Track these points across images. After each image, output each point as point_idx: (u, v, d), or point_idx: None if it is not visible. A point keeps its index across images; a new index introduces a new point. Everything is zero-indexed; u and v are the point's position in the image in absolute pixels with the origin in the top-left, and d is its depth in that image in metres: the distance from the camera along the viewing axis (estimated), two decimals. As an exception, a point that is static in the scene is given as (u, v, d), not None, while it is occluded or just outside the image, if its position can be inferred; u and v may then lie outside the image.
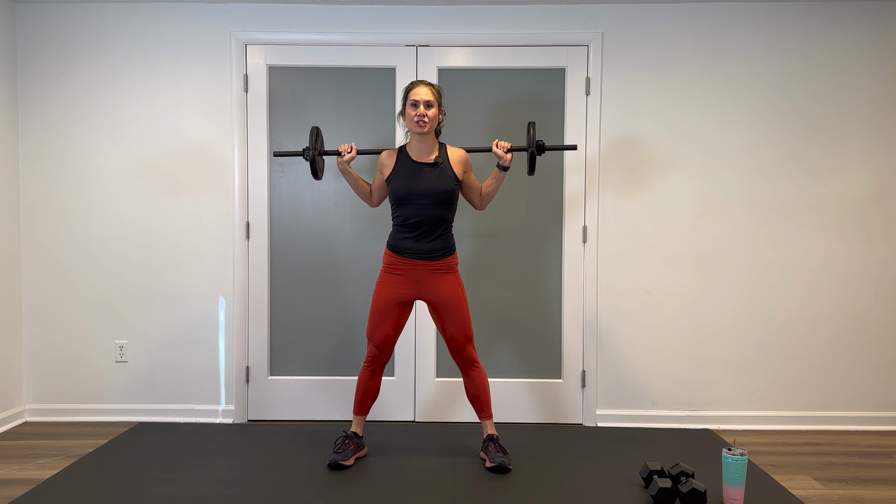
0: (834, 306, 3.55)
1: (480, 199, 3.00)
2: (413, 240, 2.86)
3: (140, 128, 3.55)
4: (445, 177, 2.86)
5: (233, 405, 3.60)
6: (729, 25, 3.50)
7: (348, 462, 2.87)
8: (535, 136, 2.84)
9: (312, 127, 2.97)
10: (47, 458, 3.00)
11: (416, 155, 2.89)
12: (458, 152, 2.94)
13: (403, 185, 2.85)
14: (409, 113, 2.84)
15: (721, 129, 3.52)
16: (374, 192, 3.04)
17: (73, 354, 3.59)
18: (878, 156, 3.51)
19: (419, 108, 2.80)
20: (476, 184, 3.00)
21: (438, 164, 2.87)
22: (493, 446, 2.91)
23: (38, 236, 3.57)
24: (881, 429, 3.53)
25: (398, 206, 2.89)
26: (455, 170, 2.90)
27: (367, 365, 2.95)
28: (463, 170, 2.94)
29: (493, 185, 2.93)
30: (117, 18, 3.52)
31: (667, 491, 2.46)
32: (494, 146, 2.85)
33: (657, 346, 3.57)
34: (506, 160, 2.83)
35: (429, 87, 2.84)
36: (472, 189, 2.99)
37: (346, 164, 2.91)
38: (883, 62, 3.49)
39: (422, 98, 2.80)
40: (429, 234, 2.86)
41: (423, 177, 2.85)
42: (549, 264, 3.58)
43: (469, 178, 2.98)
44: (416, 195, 2.83)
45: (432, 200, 2.84)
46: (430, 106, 2.82)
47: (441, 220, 2.87)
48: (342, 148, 2.90)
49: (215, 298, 3.58)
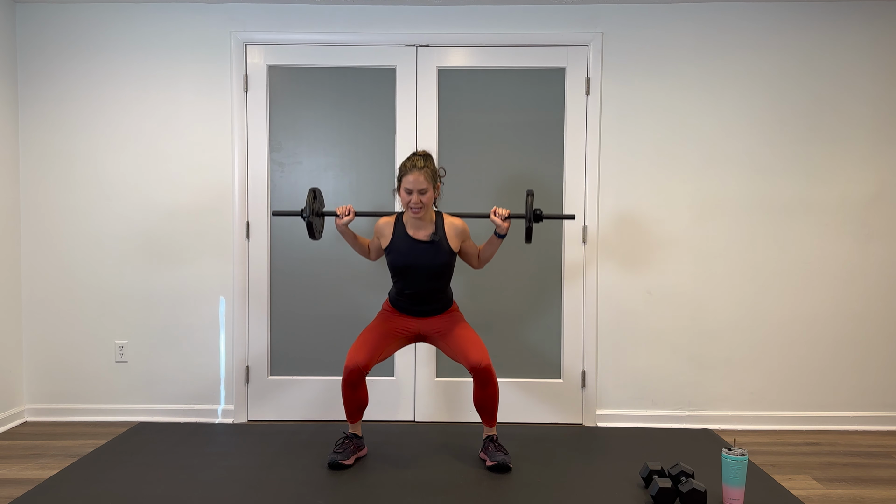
0: (834, 306, 3.55)
1: (478, 262, 3.01)
2: (410, 304, 2.93)
3: (140, 127, 3.55)
4: (442, 252, 2.87)
5: (233, 405, 3.60)
6: (729, 25, 3.50)
7: (348, 462, 2.87)
8: (533, 205, 2.85)
9: (311, 188, 2.95)
10: (47, 458, 3.00)
11: (412, 230, 2.88)
12: (455, 225, 2.91)
13: (401, 260, 2.87)
14: (403, 196, 2.81)
15: (721, 128, 3.52)
16: (372, 252, 3.06)
17: (73, 354, 3.59)
18: (877, 156, 3.51)
19: (413, 195, 2.77)
20: (473, 249, 2.99)
21: (435, 241, 2.86)
22: (493, 446, 2.91)
23: (39, 236, 3.57)
24: (881, 429, 3.53)
25: (396, 276, 2.93)
26: (452, 244, 2.90)
27: (347, 381, 2.82)
28: (460, 241, 2.93)
29: (490, 250, 2.93)
30: (117, 18, 3.52)
31: (667, 491, 2.46)
32: (492, 214, 2.83)
33: (657, 346, 3.57)
34: (503, 228, 2.82)
35: (422, 172, 2.75)
36: (469, 254, 3.00)
37: (343, 226, 2.89)
38: (883, 62, 3.49)
39: (415, 187, 2.76)
40: (427, 299, 2.93)
41: (420, 253, 2.85)
42: (549, 264, 3.58)
43: (467, 244, 2.97)
44: (414, 270, 2.86)
45: (429, 274, 2.87)
46: (424, 192, 2.77)
47: (437, 288, 2.92)
48: (340, 210, 2.88)
49: (215, 298, 3.58)
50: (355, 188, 3.56)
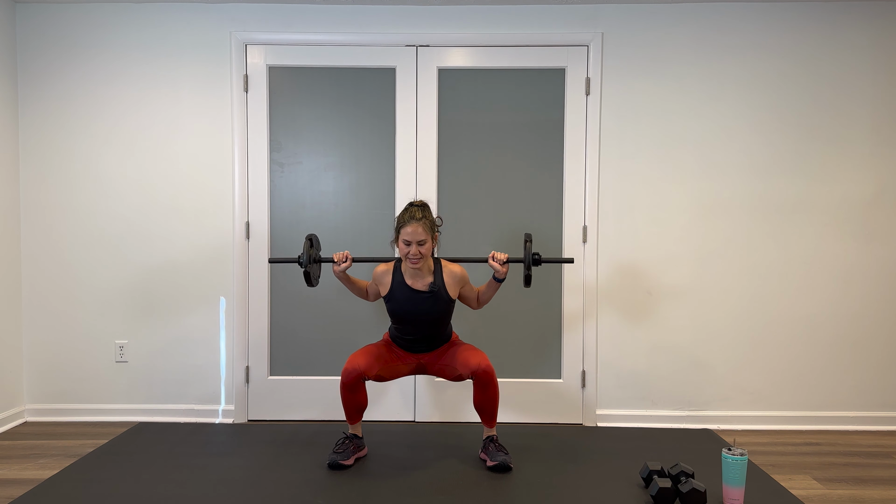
0: (834, 306, 3.55)
1: (477, 304, 3.02)
2: (411, 344, 2.96)
3: (140, 127, 3.55)
4: (441, 302, 2.87)
5: (233, 405, 3.59)
6: (729, 26, 3.50)
7: (348, 462, 2.87)
8: (532, 250, 2.86)
9: (307, 235, 2.94)
10: (47, 458, 3.00)
11: (411, 280, 2.88)
12: (453, 273, 2.90)
13: (400, 310, 2.88)
14: (401, 248, 2.81)
15: (721, 128, 3.52)
16: (370, 295, 3.06)
17: (73, 354, 3.59)
18: (877, 156, 3.51)
19: (411, 246, 2.77)
20: (472, 293, 2.99)
21: (434, 292, 2.86)
22: (494, 446, 2.91)
23: (39, 236, 3.57)
24: (881, 429, 3.53)
25: (395, 322, 2.95)
26: (450, 291, 2.90)
27: (345, 384, 2.83)
28: (459, 287, 2.93)
29: (489, 293, 2.94)
30: (117, 18, 3.52)
31: (667, 491, 2.46)
32: (490, 259, 2.83)
33: (657, 346, 3.57)
34: (501, 273, 2.83)
35: (420, 224, 2.75)
36: (468, 298, 3.01)
37: (342, 272, 2.89)
38: (882, 63, 3.49)
39: (414, 239, 2.76)
40: (427, 341, 2.95)
41: (418, 304, 2.86)
42: (549, 268, 3.58)
43: (466, 289, 2.97)
44: (413, 318, 2.88)
45: (429, 321, 2.89)
46: (423, 243, 2.77)
47: (435, 333, 2.94)
48: (337, 257, 2.88)
49: (215, 298, 3.58)
50: (355, 188, 3.56)
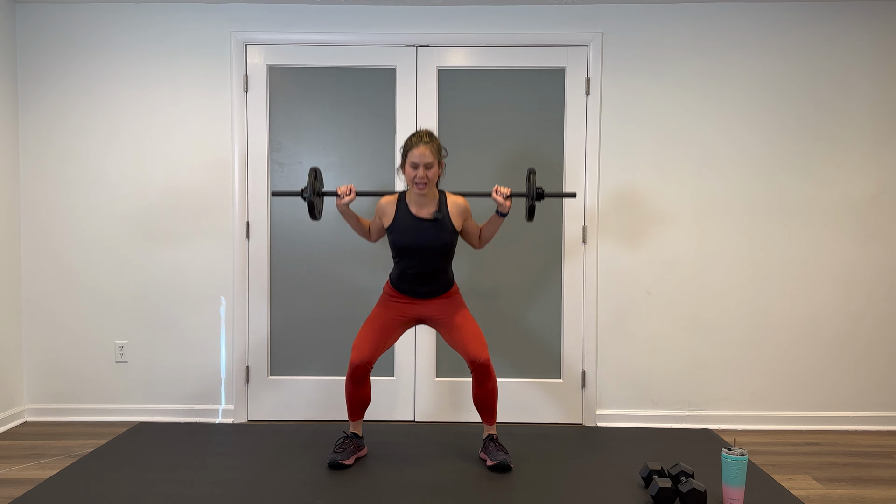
0: (834, 306, 3.55)
1: (479, 241, 3.00)
2: (414, 283, 2.91)
3: (140, 127, 3.55)
4: (445, 231, 2.86)
5: (233, 405, 3.60)
6: (729, 26, 3.50)
7: (348, 462, 2.87)
8: (535, 183, 2.83)
9: (311, 168, 2.94)
10: (47, 458, 3.00)
11: (415, 208, 2.88)
12: (457, 203, 2.91)
13: (403, 240, 2.86)
14: (408, 172, 2.81)
15: (721, 129, 3.52)
16: (373, 233, 3.04)
17: (73, 354, 3.59)
18: (877, 156, 3.51)
19: (419, 169, 2.77)
20: (475, 228, 2.99)
21: (438, 219, 2.85)
22: (494, 446, 2.91)
23: (39, 236, 3.57)
24: (881, 429, 3.53)
25: (398, 256, 2.92)
26: (454, 222, 2.89)
27: (352, 377, 2.85)
28: (462, 219, 2.93)
29: (491, 229, 2.93)
30: (117, 18, 3.52)
31: (667, 491, 2.46)
32: (494, 192, 2.82)
33: (657, 346, 3.57)
34: (505, 207, 2.81)
35: (428, 146, 2.77)
36: (470, 234, 3.00)
37: (345, 206, 2.89)
38: (882, 62, 3.49)
39: (421, 161, 2.75)
40: (429, 279, 2.91)
41: (422, 232, 2.84)
42: (549, 264, 3.58)
43: (468, 224, 2.97)
44: (416, 249, 2.85)
45: (432, 253, 2.86)
46: (430, 167, 2.77)
47: (441, 268, 2.91)
48: (341, 190, 2.87)
49: (215, 298, 3.58)
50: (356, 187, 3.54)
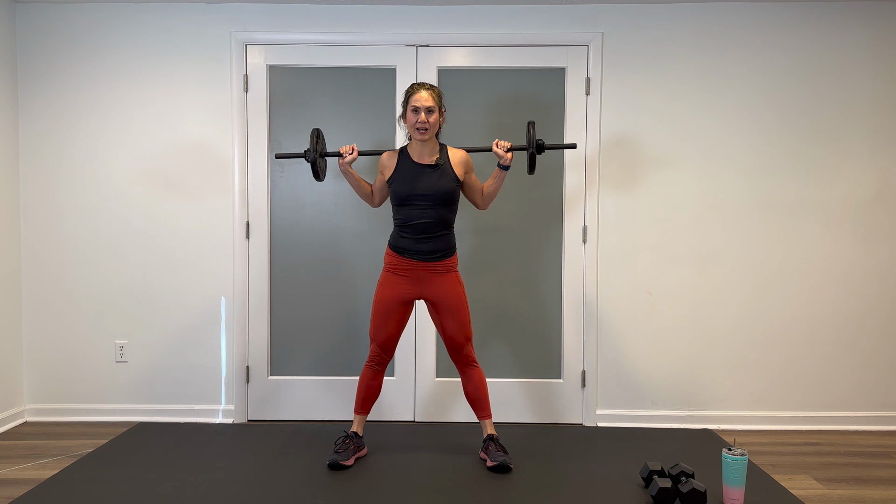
0: (834, 306, 3.55)
1: (482, 199, 3.01)
2: (414, 240, 2.87)
3: (140, 128, 3.55)
4: (447, 178, 2.87)
5: (233, 405, 3.59)
6: (729, 25, 3.50)
7: (348, 462, 2.87)
8: (535, 136, 2.84)
9: (313, 129, 2.97)
10: (47, 458, 3.00)
11: (417, 157, 2.90)
12: (458, 153, 2.95)
13: (405, 187, 2.86)
14: (409, 118, 2.84)
15: (721, 128, 3.52)
16: (376, 193, 3.05)
17: (73, 354, 3.59)
18: (878, 156, 3.51)
19: (420, 114, 2.80)
20: (477, 184, 3.00)
21: (440, 165, 2.87)
22: (494, 446, 2.91)
23: (39, 236, 3.57)
24: (881, 429, 3.53)
25: (399, 208, 2.90)
26: (456, 171, 2.91)
27: (370, 364, 2.96)
28: (464, 171, 2.94)
29: (494, 184, 2.94)
30: (117, 18, 3.52)
31: (667, 491, 2.46)
32: (494, 146, 2.86)
33: (657, 346, 3.57)
34: (506, 159, 2.84)
35: (430, 92, 2.82)
36: (473, 189, 2.99)
37: (347, 165, 2.92)
38: (883, 62, 3.49)
39: (423, 104, 2.79)
40: (430, 234, 2.87)
41: (424, 178, 2.85)
42: (549, 264, 3.58)
43: (470, 178, 2.98)
44: (418, 196, 2.84)
45: (434, 201, 2.84)
46: (431, 112, 2.81)
47: (442, 220, 2.88)
48: (343, 149, 2.91)
49: (215, 298, 3.58)
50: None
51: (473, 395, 2.95)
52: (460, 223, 3.49)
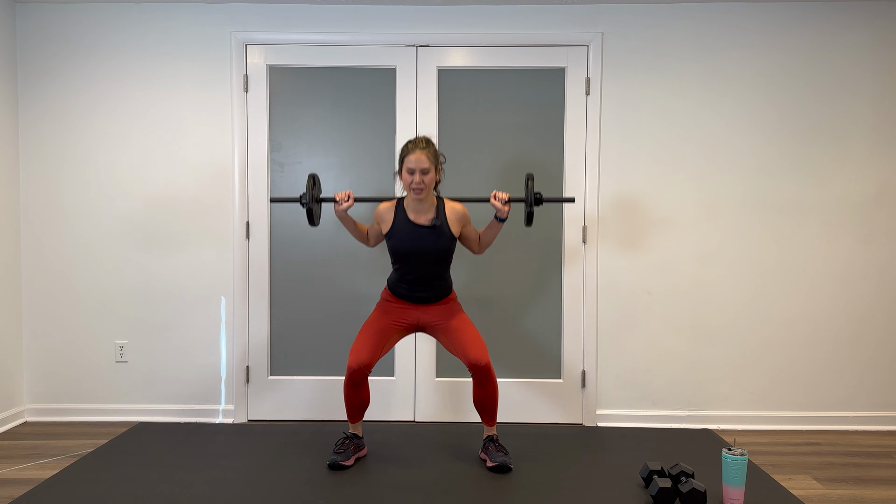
0: (834, 306, 3.55)
1: (479, 247, 3.00)
2: (412, 288, 2.91)
3: (140, 128, 3.55)
4: (443, 238, 2.86)
5: (233, 405, 3.60)
6: (729, 25, 3.50)
7: (348, 462, 2.87)
8: (534, 188, 2.82)
9: (309, 175, 2.93)
10: (47, 458, 3.00)
11: (413, 215, 2.88)
12: (455, 209, 2.91)
13: (402, 246, 2.86)
14: (405, 178, 2.80)
15: (721, 129, 3.52)
16: (371, 238, 3.04)
17: (73, 354, 3.59)
18: (878, 156, 3.51)
19: (415, 174, 2.76)
20: (474, 234, 2.98)
21: (436, 226, 2.85)
22: (494, 446, 2.91)
23: (39, 236, 3.57)
24: (881, 429, 3.53)
25: (396, 262, 2.92)
26: (452, 228, 2.89)
27: (350, 381, 2.83)
28: (461, 226, 2.93)
29: (490, 234, 2.92)
30: (117, 18, 3.52)
31: (667, 491, 2.46)
32: (492, 198, 2.82)
33: (657, 346, 3.57)
34: (503, 212, 2.81)
35: (424, 152, 2.76)
36: (470, 239, 2.99)
37: (343, 211, 2.89)
38: (883, 62, 3.49)
39: (418, 166, 2.75)
40: (427, 285, 2.91)
41: (420, 239, 2.85)
42: (549, 264, 3.58)
43: (467, 229, 2.97)
44: (415, 255, 2.85)
45: (430, 260, 2.86)
46: (426, 172, 2.77)
47: (437, 274, 2.91)
48: (339, 196, 2.88)
49: (215, 298, 3.58)
50: (355, 189, 3.56)
51: (482, 404, 2.91)
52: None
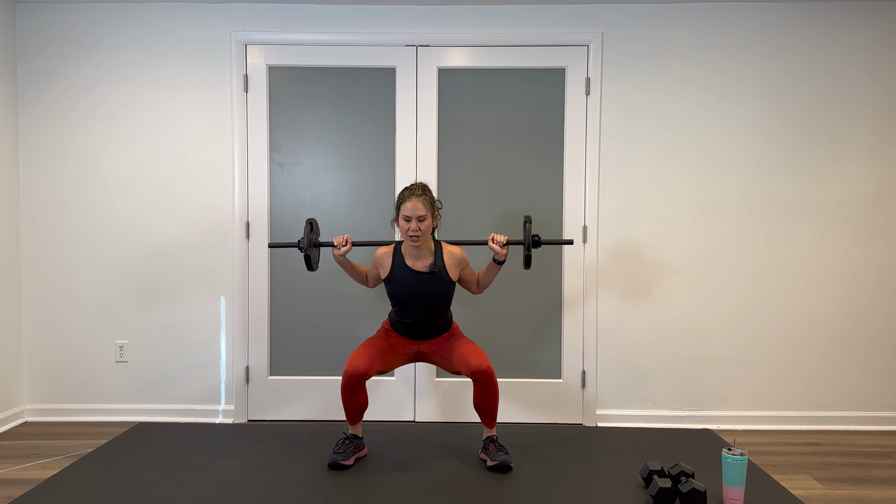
0: (834, 306, 3.55)
1: (477, 288, 3.02)
2: (412, 329, 2.95)
3: (140, 128, 3.55)
4: (441, 283, 2.87)
5: (233, 405, 3.59)
6: (729, 25, 3.50)
7: (348, 462, 2.87)
8: (532, 231, 2.84)
9: (308, 219, 2.93)
10: (47, 458, 3.00)
11: (411, 261, 2.88)
12: (453, 254, 2.91)
13: (400, 292, 2.88)
14: (402, 225, 2.81)
15: (721, 128, 3.52)
16: (370, 280, 3.06)
17: (73, 354, 3.59)
18: (878, 156, 3.51)
19: (411, 222, 2.78)
20: (472, 276, 3.00)
21: (434, 272, 2.86)
22: (494, 446, 2.91)
23: (39, 236, 3.57)
24: (881, 429, 3.53)
25: (395, 305, 2.96)
26: (451, 273, 2.90)
27: (346, 386, 2.81)
28: (459, 270, 2.94)
29: (489, 276, 2.93)
30: (117, 18, 3.52)
31: (667, 491, 2.46)
32: (490, 241, 2.81)
33: (657, 346, 3.57)
34: (501, 255, 2.81)
35: (420, 199, 2.77)
36: (468, 282, 3.01)
37: (342, 256, 2.90)
38: (883, 62, 3.49)
39: (414, 214, 2.76)
40: (427, 325, 2.95)
41: (418, 285, 2.86)
42: (549, 264, 3.58)
43: (466, 272, 2.98)
44: (413, 301, 2.88)
45: (429, 304, 2.89)
46: (423, 219, 2.78)
47: (435, 316, 2.94)
48: (337, 240, 2.88)
49: (215, 298, 3.58)
50: (355, 188, 3.56)
51: (483, 408, 2.92)
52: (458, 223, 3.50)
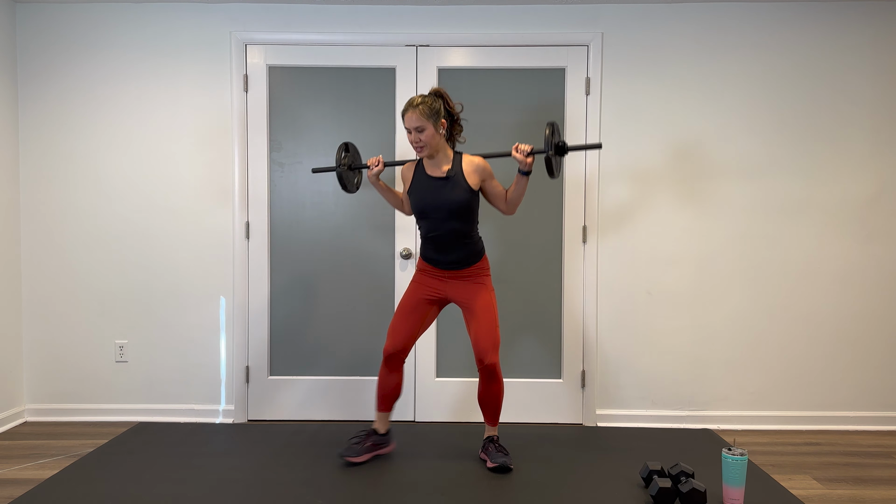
0: (834, 306, 3.55)
1: (506, 205, 2.89)
2: (436, 252, 2.90)
3: (140, 128, 3.55)
4: (458, 189, 2.81)
5: (233, 405, 3.60)
6: (729, 26, 3.50)
7: (356, 459, 2.88)
8: (554, 138, 2.71)
9: (342, 143, 3.01)
10: (47, 458, 3.00)
11: (429, 169, 2.88)
12: (473, 162, 2.86)
13: (418, 200, 2.86)
14: (408, 137, 2.84)
15: (721, 128, 3.52)
16: (405, 202, 3.07)
17: (73, 354, 3.59)
18: (877, 156, 3.51)
19: (412, 133, 2.79)
20: (500, 190, 2.89)
21: (451, 177, 2.83)
22: (494, 447, 2.91)
23: (39, 236, 3.57)
24: (881, 429, 3.53)
25: (419, 220, 2.93)
26: (469, 180, 2.83)
27: (386, 364, 2.92)
28: (480, 178, 2.85)
29: (516, 190, 2.82)
30: (117, 18, 3.52)
31: (667, 491, 2.47)
32: (514, 150, 2.70)
33: (657, 346, 3.57)
34: (526, 164, 2.70)
35: (415, 110, 2.74)
36: (495, 196, 2.90)
37: (375, 176, 2.93)
38: (883, 63, 3.49)
39: (411, 125, 2.77)
40: (449, 246, 2.86)
41: (435, 191, 2.83)
42: (549, 264, 3.58)
43: (490, 185, 2.88)
44: (431, 210, 2.84)
45: (446, 214, 2.82)
46: (422, 130, 2.76)
47: (458, 231, 2.84)
48: (370, 161, 2.94)
49: (215, 298, 3.58)
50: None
51: (485, 401, 2.91)
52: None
